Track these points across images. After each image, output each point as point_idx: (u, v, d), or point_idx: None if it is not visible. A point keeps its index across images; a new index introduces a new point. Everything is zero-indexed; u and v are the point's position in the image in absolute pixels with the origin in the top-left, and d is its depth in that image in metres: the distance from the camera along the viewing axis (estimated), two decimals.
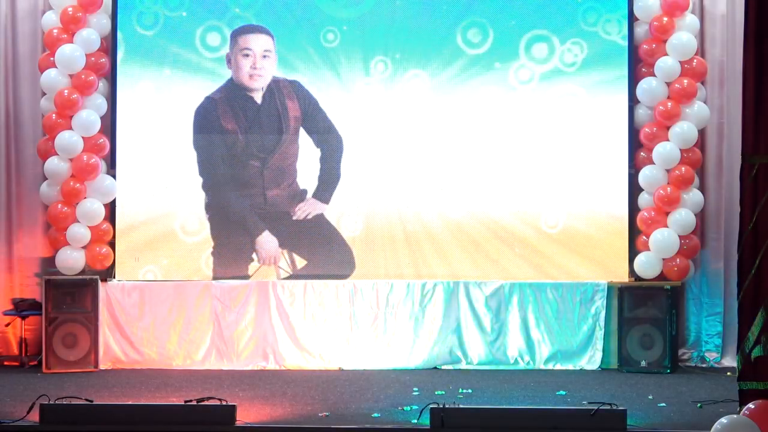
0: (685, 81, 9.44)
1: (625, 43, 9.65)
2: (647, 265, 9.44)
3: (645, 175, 9.50)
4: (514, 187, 9.70)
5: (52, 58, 9.53)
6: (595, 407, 6.59)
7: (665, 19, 9.47)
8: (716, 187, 9.74)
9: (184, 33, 9.73)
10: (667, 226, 9.43)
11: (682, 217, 9.41)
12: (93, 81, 9.56)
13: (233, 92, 9.76)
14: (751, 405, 6.23)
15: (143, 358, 9.62)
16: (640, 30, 9.65)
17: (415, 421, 6.90)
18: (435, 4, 9.72)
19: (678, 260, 9.43)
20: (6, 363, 9.67)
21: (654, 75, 9.51)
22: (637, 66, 9.69)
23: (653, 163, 9.49)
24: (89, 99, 9.59)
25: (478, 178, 9.72)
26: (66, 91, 9.46)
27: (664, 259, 9.43)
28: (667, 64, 9.45)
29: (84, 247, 9.58)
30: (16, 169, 9.87)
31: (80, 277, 9.50)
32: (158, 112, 9.75)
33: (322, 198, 9.78)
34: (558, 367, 9.52)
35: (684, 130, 9.44)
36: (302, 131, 9.78)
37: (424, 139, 9.74)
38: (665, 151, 9.43)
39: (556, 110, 9.69)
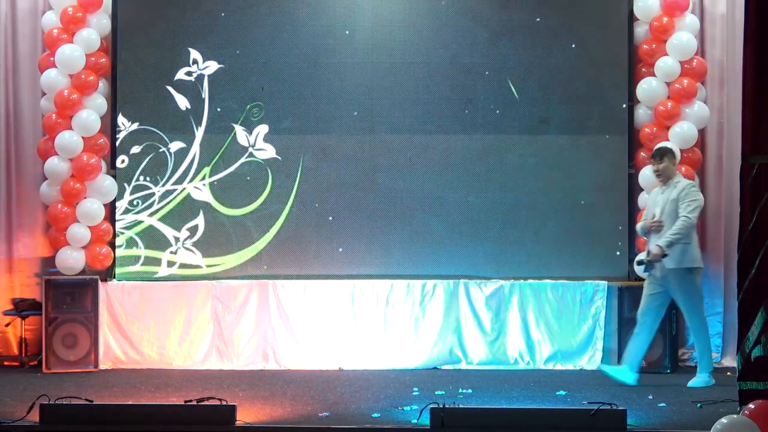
0: (685, 81, 9.45)
1: (625, 43, 9.67)
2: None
3: (645, 175, 9.50)
4: (515, 186, 9.71)
5: (52, 58, 9.53)
6: (595, 407, 6.59)
7: (665, 19, 9.47)
8: (716, 187, 9.75)
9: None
10: None
11: None
12: (93, 81, 9.56)
13: None
14: (751, 405, 6.22)
15: (143, 358, 9.62)
16: (640, 30, 9.65)
17: (415, 421, 6.90)
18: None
19: None
20: (6, 363, 9.67)
21: (654, 75, 9.51)
22: (637, 66, 9.69)
23: None
24: (89, 99, 9.59)
25: (479, 178, 9.73)
26: (66, 91, 9.46)
27: None
28: (667, 64, 9.45)
29: (84, 247, 9.57)
30: (16, 169, 9.87)
31: (80, 277, 9.50)
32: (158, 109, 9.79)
33: None
34: (558, 367, 9.52)
35: (684, 130, 9.44)
36: None
37: (424, 136, 9.75)
38: None
39: (557, 109, 9.71)
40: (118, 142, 9.74)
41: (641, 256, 8.63)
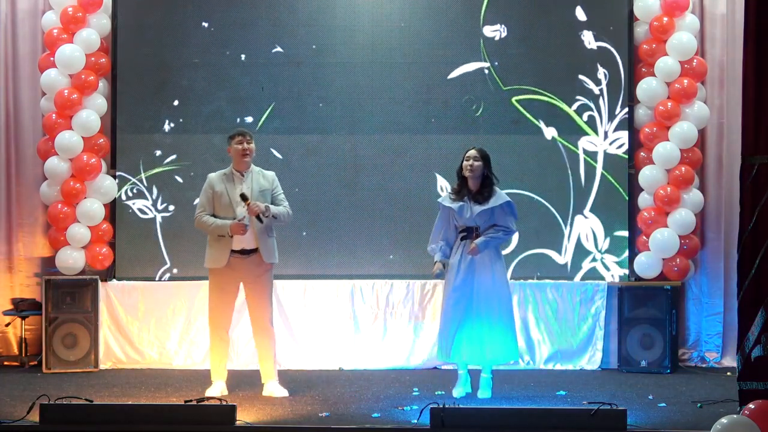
0: (685, 81, 9.45)
1: (625, 43, 9.67)
2: (647, 265, 9.44)
3: (645, 175, 9.50)
4: (513, 186, 9.71)
5: (52, 58, 9.53)
6: (595, 407, 6.59)
7: (665, 19, 9.47)
8: (716, 187, 9.75)
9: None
10: (667, 226, 9.43)
11: (682, 217, 9.42)
12: (93, 81, 9.56)
13: None
14: (751, 405, 6.23)
15: (143, 358, 9.62)
16: (640, 30, 9.65)
17: (415, 421, 6.90)
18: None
19: (678, 260, 9.43)
20: (6, 363, 9.67)
21: (654, 75, 9.51)
22: (637, 66, 9.69)
23: (653, 163, 9.49)
24: (89, 99, 9.59)
25: None
26: (66, 91, 9.47)
27: (664, 259, 9.44)
28: (667, 64, 9.45)
29: (84, 247, 9.57)
30: (16, 169, 9.86)
31: (80, 277, 9.50)
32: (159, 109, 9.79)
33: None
34: (558, 367, 9.52)
35: (684, 130, 9.45)
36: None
37: (423, 136, 9.76)
38: (665, 151, 9.44)
39: (556, 109, 9.73)
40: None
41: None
